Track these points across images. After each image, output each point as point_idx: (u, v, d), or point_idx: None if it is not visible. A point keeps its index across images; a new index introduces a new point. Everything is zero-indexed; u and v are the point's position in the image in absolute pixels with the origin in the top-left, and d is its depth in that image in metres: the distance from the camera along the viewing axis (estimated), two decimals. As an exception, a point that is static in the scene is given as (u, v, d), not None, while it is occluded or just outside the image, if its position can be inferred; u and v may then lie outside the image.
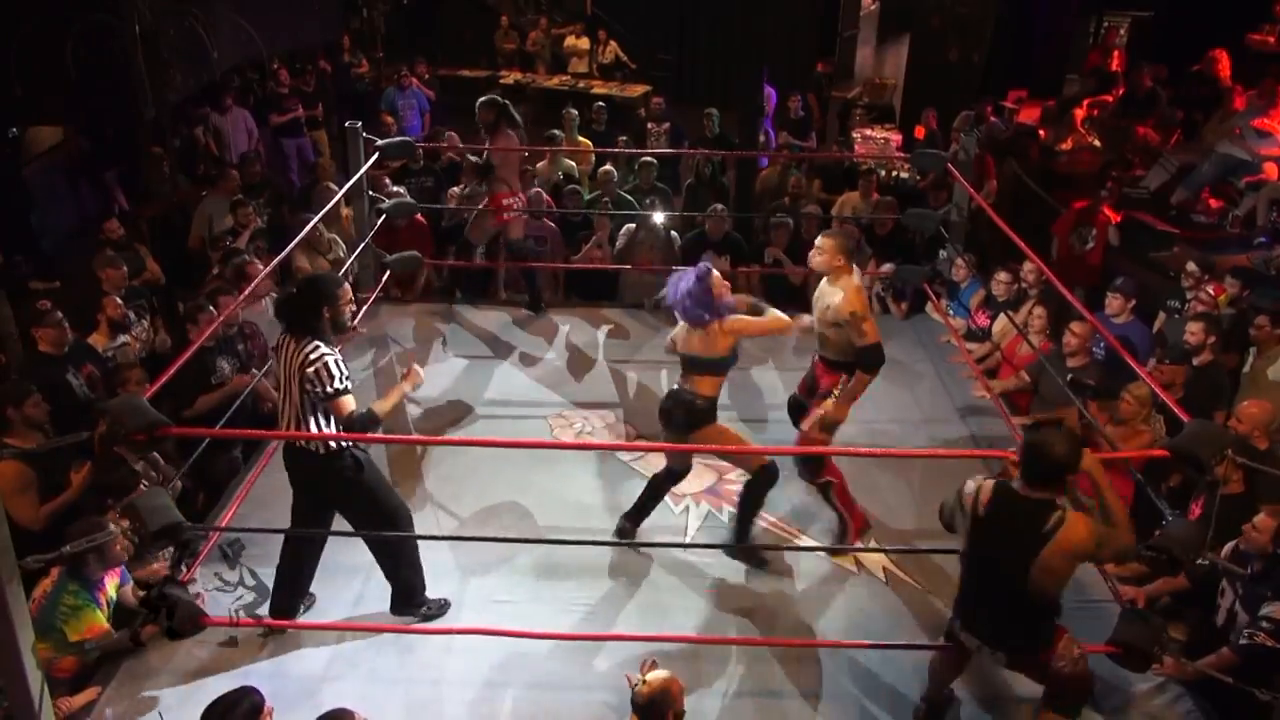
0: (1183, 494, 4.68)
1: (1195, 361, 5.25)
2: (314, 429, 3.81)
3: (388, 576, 4.14)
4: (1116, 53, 10.20)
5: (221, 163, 8.80)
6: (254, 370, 5.46)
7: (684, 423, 4.33)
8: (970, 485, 3.31)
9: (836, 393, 4.49)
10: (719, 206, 7.17)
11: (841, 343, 4.48)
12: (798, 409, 4.86)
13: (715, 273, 4.26)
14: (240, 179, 7.65)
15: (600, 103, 10.25)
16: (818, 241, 4.54)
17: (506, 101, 6.44)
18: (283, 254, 5.41)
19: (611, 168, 7.68)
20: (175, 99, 9.09)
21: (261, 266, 5.89)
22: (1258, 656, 3.75)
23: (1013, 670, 3.52)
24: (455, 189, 7.83)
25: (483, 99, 6.39)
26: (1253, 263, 6.74)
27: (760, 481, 4.45)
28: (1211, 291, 5.77)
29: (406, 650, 4.05)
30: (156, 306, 6.29)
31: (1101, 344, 5.60)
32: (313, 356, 3.71)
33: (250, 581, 4.40)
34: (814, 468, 4.59)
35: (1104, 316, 5.78)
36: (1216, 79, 8.81)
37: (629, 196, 7.63)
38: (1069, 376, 5.29)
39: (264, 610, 4.17)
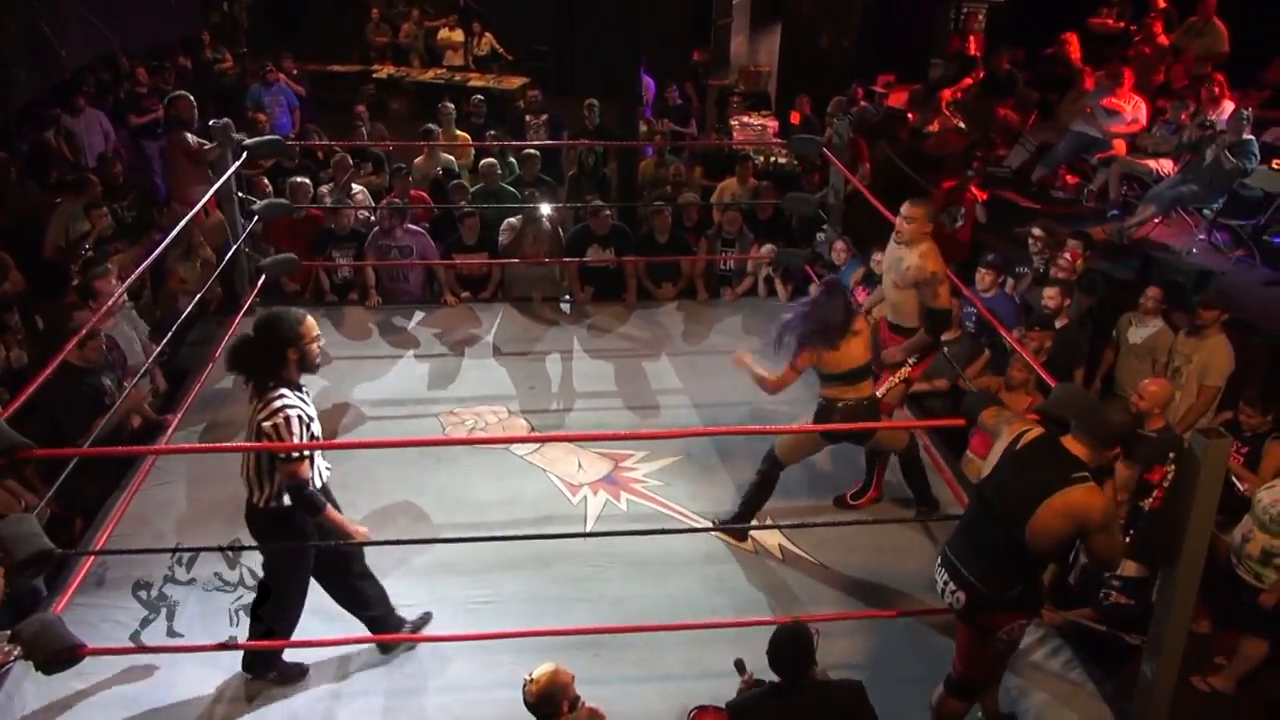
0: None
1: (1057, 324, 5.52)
2: (268, 492, 3.53)
3: (256, 632, 3.81)
4: (975, 37, 10.61)
5: (77, 167, 8.32)
6: (142, 385, 5.22)
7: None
8: (1006, 419, 3.35)
9: (911, 361, 4.67)
10: (600, 204, 7.16)
11: (912, 307, 4.58)
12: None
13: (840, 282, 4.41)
14: (99, 183, 7.25)
15: (478, 95, 10.12)
16: (905, 211, 4.53)
17: (184, 93, 6.40)
18: (145, 262, 5.14)
19: (495, 159, 7.60)
20: (21, 100, 8.56)
21: (114, 278, 5.61)
22: (1117, 613, 4.00)
23: (960, 619, 3.44)
24: (324, 187, 7.62)
25: (169, 96, 6.34)
26: (1108, 234, 7.15)
27: (911, 455, 4.70)
28: (1069, 257, 6.06)
29: (301, 660, 3.93)
30: (10, 323, 5.90)
31: (972, 316, 5.85)
32: (274, 407, 3.37)
33: (250, 582, 4.19)
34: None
35: (974, 290, 6.03)
36: (1068, 60, 9.29)
37: (511, 189, 7.56)
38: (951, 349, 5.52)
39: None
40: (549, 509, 4.86)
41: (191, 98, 6.52)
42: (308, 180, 7.17)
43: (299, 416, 3.41)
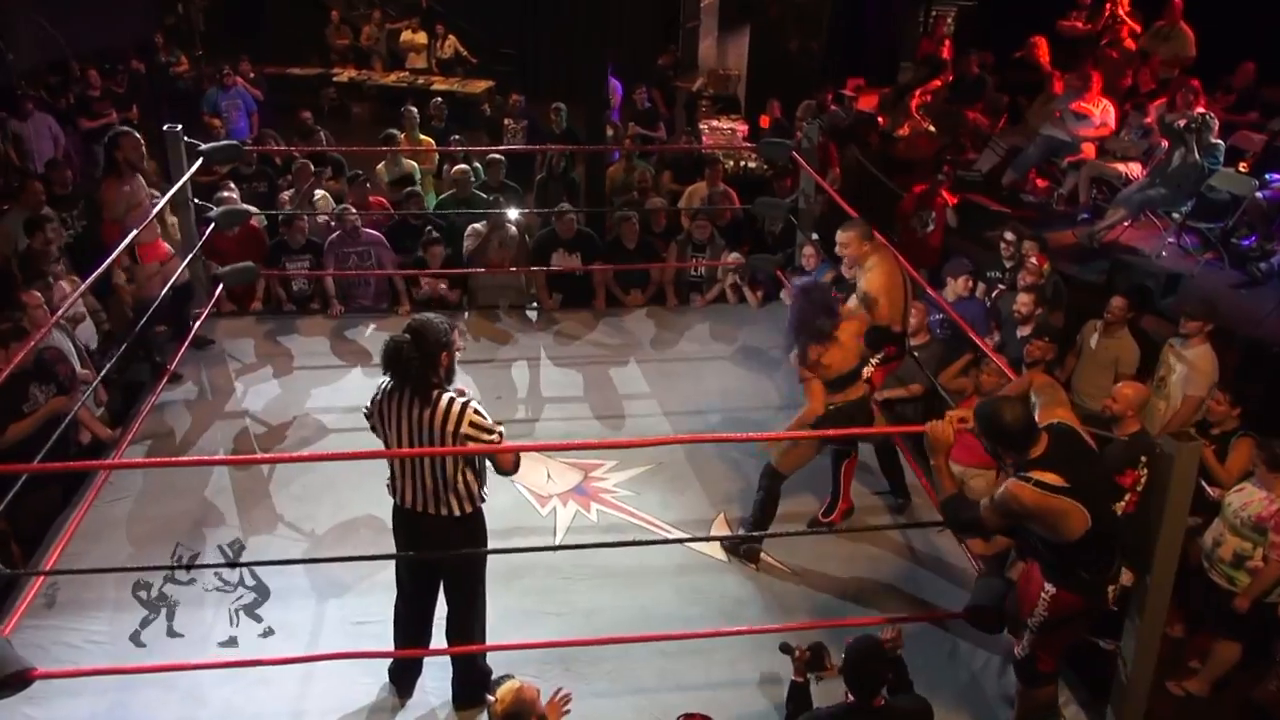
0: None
1: (1020, 332, 5.50)
2: (471, 489, 3.51)
3: (457, 662, 3.77)
4: (946, 41, 10.64)
5: (25, 172, 8.08)
6: (78, 394, 5.03)
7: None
8: (1008, 491, 3.14)
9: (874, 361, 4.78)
10: (566, 206, 7.07)
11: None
12: None
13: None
14: (48, 190, 7.01)
15: (439, 99, 9.98)
16: (837, 238, 4.86)
17: (129, 130, 5.96)
18: (97, 272, 4.96)
19: (466, 165, 7.48)
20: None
21: (68, 287, 5.42)
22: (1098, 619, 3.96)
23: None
24: (285, 193, 7.46)
25: (112, 134, 5.83)
26: (1078, 237, 7.17)
27: (888, 445, 4.96)
28: (1035, 261, 6.04)
29: (263, 682, 3.81)
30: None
31: (941, 321, 5.82)
32: (457, 409, 3.40)
33: (250, 582, 4.17)
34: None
35: (942, 295, 5.99)
36: (1037, 64, 9.33)
37: (481, 194, 7.44)
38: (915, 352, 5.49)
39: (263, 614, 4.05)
40: (517, 520, 4.75)
41: (138, 135, 5.82)
42: (235, 195, 6.90)
43: (479, 402, 3.46)
